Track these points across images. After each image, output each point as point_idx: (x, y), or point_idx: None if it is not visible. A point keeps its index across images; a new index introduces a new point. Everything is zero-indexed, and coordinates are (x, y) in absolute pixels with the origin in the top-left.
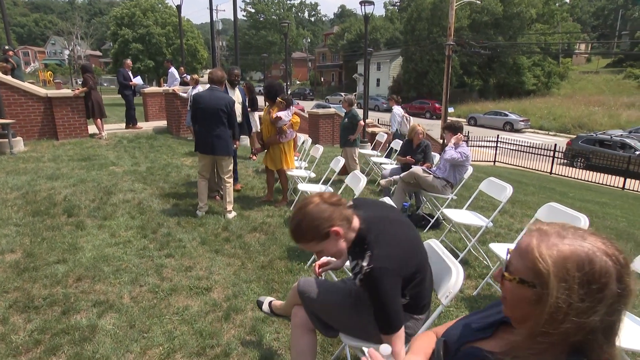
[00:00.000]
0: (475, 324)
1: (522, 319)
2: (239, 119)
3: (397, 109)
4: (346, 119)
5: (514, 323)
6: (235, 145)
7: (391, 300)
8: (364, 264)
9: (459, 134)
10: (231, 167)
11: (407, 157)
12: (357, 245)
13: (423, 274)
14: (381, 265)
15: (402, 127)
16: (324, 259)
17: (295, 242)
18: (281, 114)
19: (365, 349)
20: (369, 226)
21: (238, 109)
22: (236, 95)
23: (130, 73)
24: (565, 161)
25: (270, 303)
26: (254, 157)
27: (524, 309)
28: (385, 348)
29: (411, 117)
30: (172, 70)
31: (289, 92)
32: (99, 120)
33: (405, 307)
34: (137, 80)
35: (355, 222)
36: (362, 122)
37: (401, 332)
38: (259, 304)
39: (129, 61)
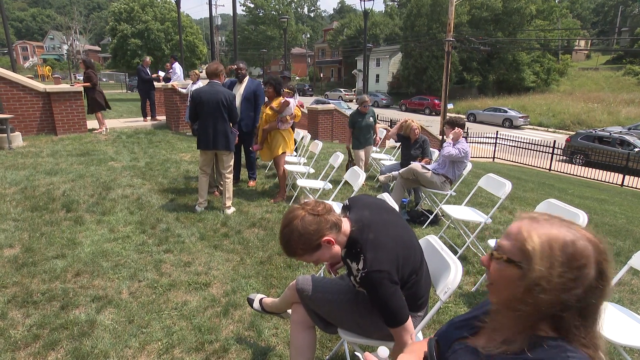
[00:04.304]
0: (463, 321)
1: (510, 304)
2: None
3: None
4: (370, 118)
5: (497, 306)
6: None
7: (391, 298)
8: (359, 267)
9: (457, 128)
10: (232, 162)
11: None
12: (350, 248)
13: (419, 275)
14: (376, 269)
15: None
16: None
17: (288, 257)
18: (289, 99)
19: (360, 355)
20: (361, 229)
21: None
22: (238, 90)
23: (148, 69)
24: (565, 158)
25: (261, 300)
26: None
27: (509, 289)
28: (382, 351)
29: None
30: (176, 65)
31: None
32: (99, 113)
33: None
34: (161, 73)
35: (346, 226)
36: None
37: (408, 325)
38: (250, 302)
39: (148, 59)
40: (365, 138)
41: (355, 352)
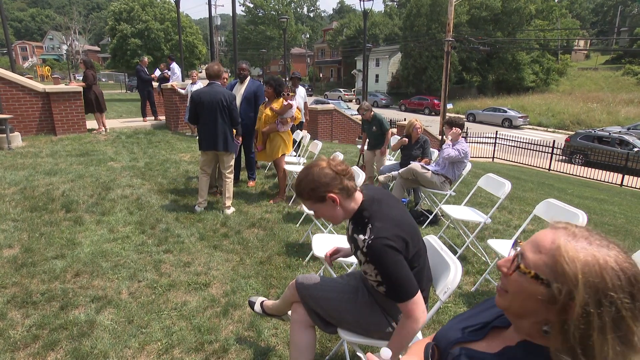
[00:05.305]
0: (464, 325)
1: (522, 313)
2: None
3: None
4: (374, 127)
5: (509, 316)
6: (238, 141)
7: (397, 267)
8: (366, 237)
9: (455, 128)
10: (232, 162)
11: (402, 139)
12: (357, 221)
13: (421, 264)
14: (382, 236)
15: None
16: (334, 247)
17: (297, 197)
18: (291, 101)
19: (362, 356)
20: (371, 202)
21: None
22: (238, 90)
23: (146, 69)
24: (564, 158)
25: (262, 303)
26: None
27: (528, 304)
28: (385, 352)
29: None
30: (174, 65)
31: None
32: (98, 114)
33: None
34: (157, 73)
35: (358, 196)
36: (391, 131)
37: (418, 298)
38: (251, 305)
39: (145, 59)
40: (371, 144)
41: (357, 353)
